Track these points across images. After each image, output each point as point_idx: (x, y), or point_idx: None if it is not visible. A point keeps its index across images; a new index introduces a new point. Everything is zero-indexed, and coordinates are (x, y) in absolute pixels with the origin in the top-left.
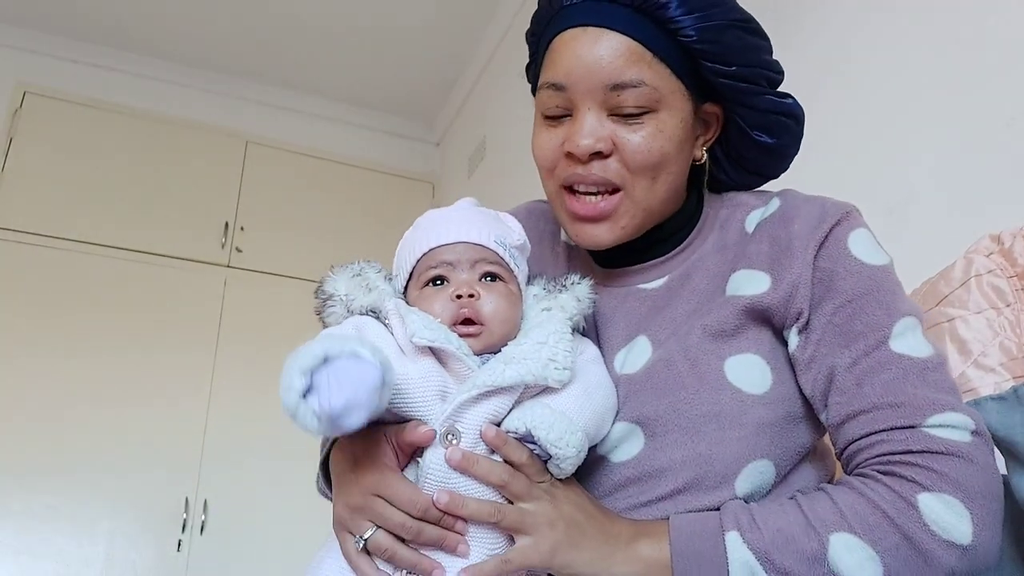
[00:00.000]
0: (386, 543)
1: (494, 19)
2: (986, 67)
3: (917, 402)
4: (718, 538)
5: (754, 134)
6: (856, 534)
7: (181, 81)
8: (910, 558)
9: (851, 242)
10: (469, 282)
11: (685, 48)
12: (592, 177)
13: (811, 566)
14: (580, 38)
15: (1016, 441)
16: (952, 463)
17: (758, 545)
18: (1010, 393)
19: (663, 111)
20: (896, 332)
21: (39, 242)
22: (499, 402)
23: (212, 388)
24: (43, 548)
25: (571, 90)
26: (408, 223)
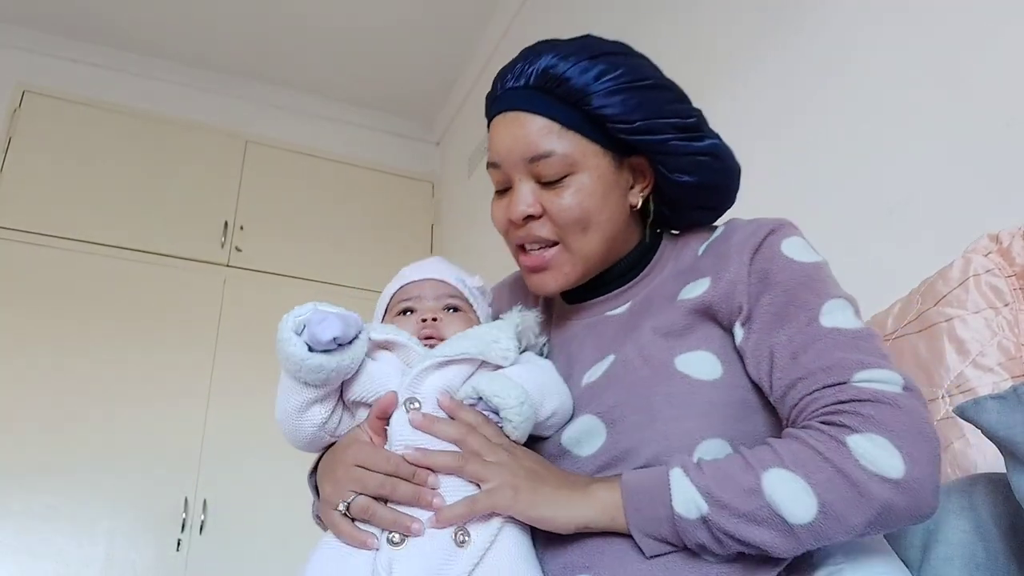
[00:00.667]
0: (366, 504)
1: (494, 19)
2: (986, 67)
3: (846, 363)
4: (663, 475)
5: (673, 176)
6: (789, 469)
7: (181, 81)
8: (843, 490)
9: (784, 246)
10: (433, 309)
11: (590, 115)
12: (531, 236)
13: (748, 498)
14: (503, 123)
15: (1016, 441)
16: (879, 408)
17: (699, 481)
18: (1010, 392)
19: (580, 172)
20: (825, 310)
21: (38, 242)
22: (453, 372)
23: (212, 387)
24: (42, 548)
25: (503, 167)
26: (408, 222)
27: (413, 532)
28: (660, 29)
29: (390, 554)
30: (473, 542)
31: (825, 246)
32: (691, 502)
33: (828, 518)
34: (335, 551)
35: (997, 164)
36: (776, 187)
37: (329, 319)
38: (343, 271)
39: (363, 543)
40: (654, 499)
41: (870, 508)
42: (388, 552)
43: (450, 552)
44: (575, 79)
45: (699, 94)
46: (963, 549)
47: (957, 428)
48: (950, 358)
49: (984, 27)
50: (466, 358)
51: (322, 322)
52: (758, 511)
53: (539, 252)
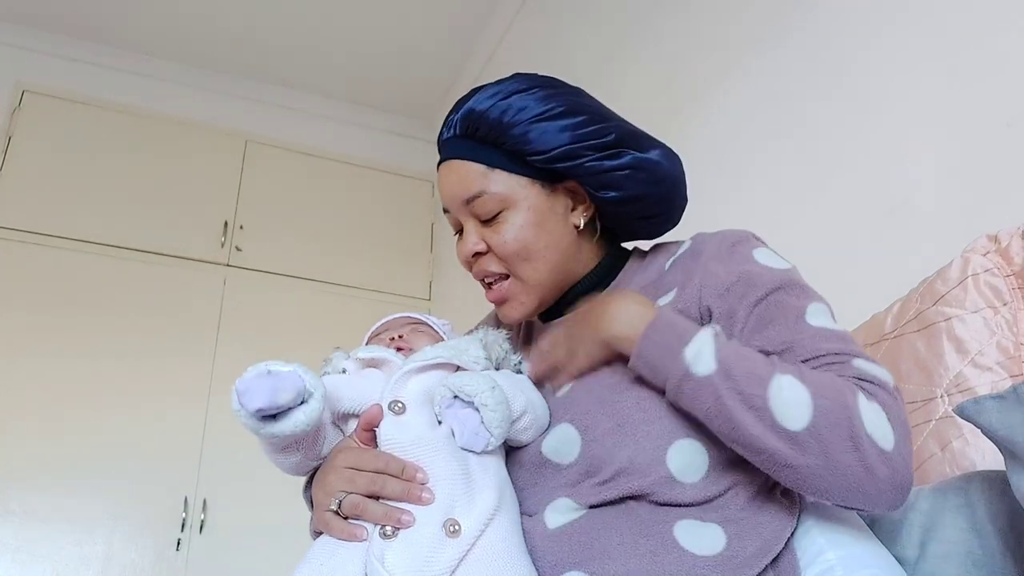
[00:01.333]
0: (357, 500)
1: (494, 18)
2: (986, 67)
3: (842, 351)
4: (693, 327)
5: (599, 194)
6: (802, 382)
7: (180, 80)
8: (838, 423)
9: (756, 255)
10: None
11: (509, 152)
12: (484, 271)
13: (752, 382)
14: (443, 172)
15: (1016, 441)
16: (879, 391)
17: (721, 343)
18: (1010, 392)
19: (511, 208)
20: (810, 311)
21: (38, 241)
22: (432, 377)
23: (211, 387)
24: (42, 547)
25: (451, 211)
26: (408, 222)
27: (404, 524)
28: (660, 30)
29: (382, 545)
30: (464, 532)
31: (825, 246)
32: (704, 358)
33: (813, 437)
34: (327, 546)
35: (997, 164)
36: (776, 187)
37: (254, 388)
38: (343, 271)
39: (353, 535)
40: (673, 334)
41: (855, 457)
42: (380, 544)
43: (440, 541)
44: (490, 121)
45: (699, 95)
46: (960, 546)
47: (956, 427)
48: (949, 357)
49: (984, 27)
50: (442, 362)
51: (246, 392)
52: (755, 399)
53: (496, 285)
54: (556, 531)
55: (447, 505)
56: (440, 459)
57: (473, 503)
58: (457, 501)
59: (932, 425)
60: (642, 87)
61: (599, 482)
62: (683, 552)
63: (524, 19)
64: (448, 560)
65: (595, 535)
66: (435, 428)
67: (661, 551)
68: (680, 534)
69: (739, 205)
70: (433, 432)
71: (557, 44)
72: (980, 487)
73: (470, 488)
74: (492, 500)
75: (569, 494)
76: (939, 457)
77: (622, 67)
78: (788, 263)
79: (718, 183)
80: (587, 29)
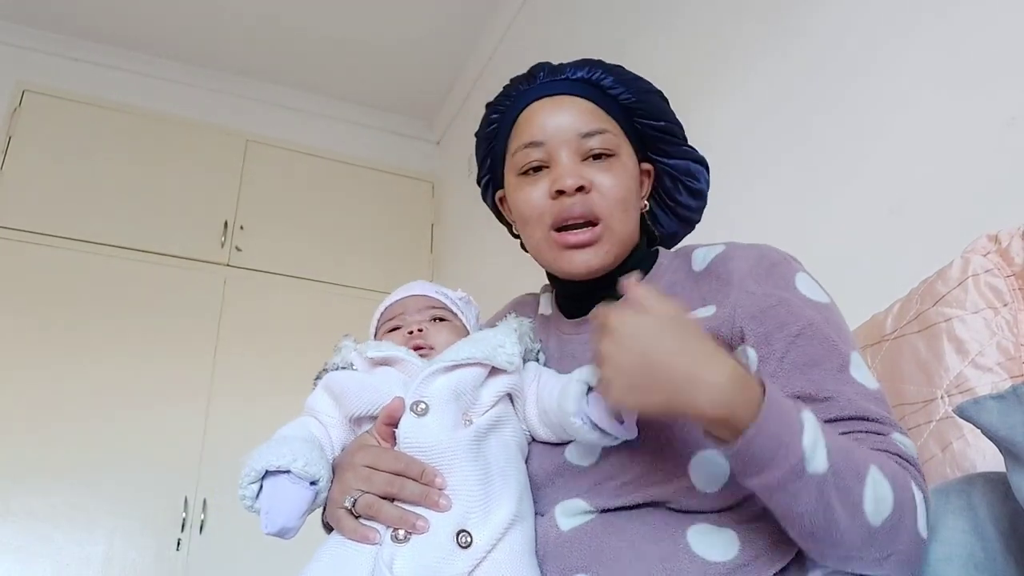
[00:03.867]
0: (372, 500)
1: (494, 18)
2: (986, 67)
3: (883, 419)
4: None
5: (684, 179)
6: (885, 475)
7: (181, 79)
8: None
9: (797, 281)
10: (418, 322)
11: (625, 108)
12: (577, 209)
13: (853, 479)
14: (548, 105)
15: (1016, 441)
16: (916, 474)
17: (827, 438)
18: (1010, 392)
19: (622, 155)
20: (853, 362)
21: (38, 241)
22: (460, 376)
23: (212, 387)
24: (42, 547)
25: (548, 143)
26: (408, 222)
27: (418, 529)
28: (660, 30)
29: (392, 550)
30: (475, 544)
31: (825, 246)
32: (819, 455)
33: (886, 533)
34: (337, 547)
35: (997, 164)
36: (776, 188)
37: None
38: (343, 271)
39: (364, 537)
40: (786, 423)
41: (911, 548)
42: (391, 548)
43: (451, 552)
44: (611, 77)
45: (699, 97)
46: (961, 549)
47: (956, 428)
48: (949, 358)
49: (984, 27)
50: (472, 363)
51: (267, 514)
52: (853, 495)
53: (583, 229)
54: (568, 534)
55: (461, 515)
56: (459, 465)
57: (488, 514)
58: (472, 511)
59: (932, 426)
60: None
61: (618, 486)
62: (694, 557)
63: (524, 19)
64: (457, 572)
65: (606, 539)
66: (457, 431)
67: (672, 556)
68: (693, 539)
69: (739, 206)
70: (455, 436)
71: (557, 45)
72: (982, 489)
73: (487, 498)
74: (508, 513)
75: (584, 496)
76: (939, 458)
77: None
78: (828, 296)
79: (719, 184)
80: (587, 29)
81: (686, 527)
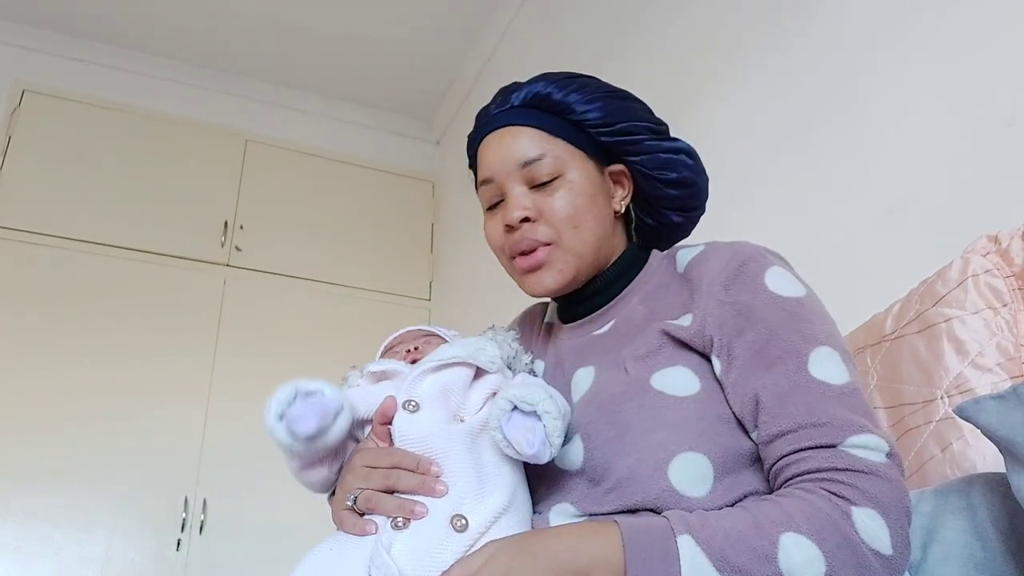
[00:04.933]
0: (370, 494)
1: (494, 17)
2: (986, 67)
3: (837, 423)
4: (669, 539)
5: (656, 174)
6: (804, 534)
7: (180, 79)
8: (848, 559)
9: (767, 278)
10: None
11: (575, 123)
12: (526, 240)
13: (761, 563)
14: (494, 140)
15: (1016, 441)
16: (872, 481)
17: (711, 543)
18: (1010, 392)
19: (568, 173)
20: (813, 358)
21: (37, 241)
22: (447, 376)
23: (211, 387)
24: (42, 547)
25: (496, 179)
26: (408, 222)
27: (417, 515)
28: (660, 30)
29: (391, 535)
30: (470, 527)
31: (825, 246)
32: (696, 566)
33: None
34: (337, 536)
35: (997, 164)
36: (776, 188)
37: (305, 416)
38: (343, 271)
39: (363, 530)
40: (656, 562)
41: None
42: (390, 533)
43: (447, 535)
44: (557, 94)
45: (700, 96)
46: (961, 549)
47: (956, 428)
48: (949, 358)
49: (984, 27)
50: (458, 362)
51: (299, 419)
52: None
53: (529, 254)
54: None
55: (456, 500)
56: (453, 455)
57: (482, 499)
58: (466, 497)
59: (932, 426)
60: (643, 88)
61: (602, 493)
62: None
63: (524, 19)
64: (452, 554)
65: None
66: (449, 425)
67: None
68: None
69: (739, 206)
70: (447, 428)
71: (557, 44)
72: (982, 489)
73: (482, 486)
74: (502, 499)
75: (573, 501)
76: (939, 459)
77: (623, 68)
78: (802, 288)
79: (719, 184)
80: (587, 29)
81: None
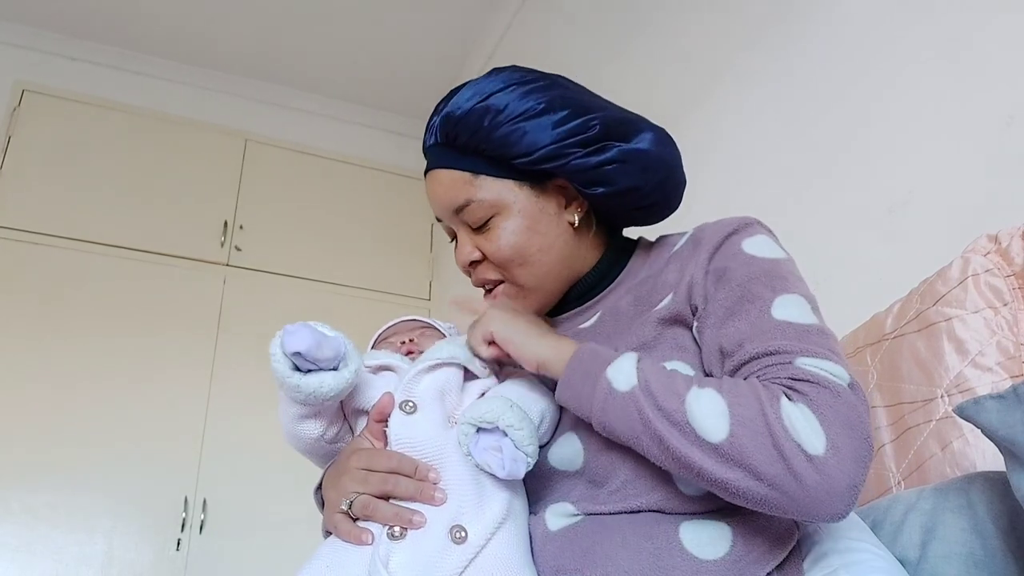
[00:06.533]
0: (367, 500)
1: (494, 16)
2: (986, 66)
3: (791, 348)
4: (615, 353)
5: (588, 191)
6: (719, 392)
7: (180, 79)
8: (759, 431)
9: (746, 244)
10: (409, 335)
11: (492, 157)
12: (481, 279)
13: (672, 398)
14: (430, 182)
15: (1016, 441)
16: (817, 390)
17: (643, 368)
18: (1010, 392)
19: (501, 213)
20: (777, 303)
21: (37, 241)
22: (443, 375)
23: (211, 386)
24: (42, 546)
25: (443, 220)
26: (408, 222)
27: (415, 525)
28: (661, 30)
29: (388, 546)
30: (469, 539)
31: (825, 246)
32: (625, 375)
33: (734, 449)
34: (333, 548)
35: (997, 164)
36: (776, 188)
37: (300, 332)
38: (343, 270)
39: (359, 539)
40: (597, 360)
41: (778, 463)
42: (387, 545)
43: (446, 548)
44: (470, 127)
45: (699, 95)
46: (961, 547)
47: (956, 428)
48: (949, 358)
49: (984, 26)
50: (454, 362)
51: (292, 334)
52: (675, 413)
53: (492, 292)
54: (557, 533)
55: (455, 511)
56: (451, 462)
57: (481, 510)
58: (465, 507)
59: (932, 425)
60: (642, 87)
61: (606, 493)
62: (687, 555)
63: (524, 19)
64: (452, 568)
65: (596, 539)
66: (447, 429)
67: (665, 554)
68: (685, 536)
69: (739, 205)
70: (444, 433)
71: (557, 44)
72: (981, 488)
73: (480, 494)
74: (501, 508)
75: (572, 500)
76: (939, 457)
77: (622, 67)
78: (781, 252)
79: (718, 183)
80: (587, 29)
81: (678, 524)
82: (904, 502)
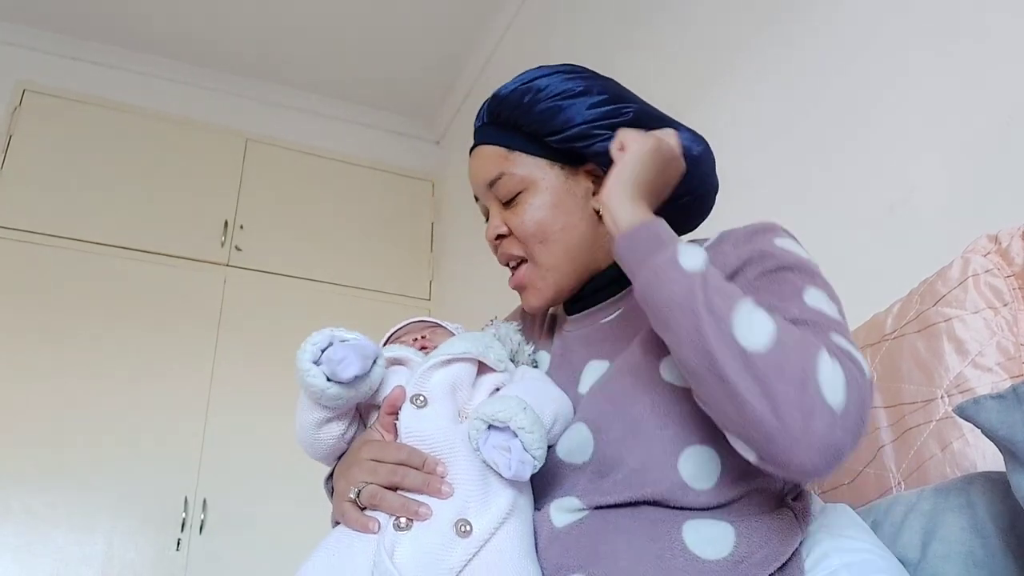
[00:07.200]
0: (375, 490)
1: (494, 16)
2: (986, 66)
3: (826, 324)
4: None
5: None
6: (773, 319)
7: (181, 79)
8: (794, 367)
9: (777, 241)
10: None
11: (528, 134)
12: (506, 254)
13: (725, 296)
14: (471, 158)
15: (1016, 441)
16: (849, 362)
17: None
18: (1009, 392)
19: (530, 189)
20: (809, 293)
21: (38, 241)
22: (457, 370)
23: (212, 387)
24: (42, 546)
25: (479, 197)
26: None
27: (421, 516)
28: (660, 29)
29: (394, 537)
30: (474, 533)
31: (825, 246)
32: (693, 259)
33: (762, 362)
34: (341, 536)
35: (997, 164)
36: (776, 187)
37: (349, 357)
38: (343, 270)
39: (365, 527)
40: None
41: (796, 395)
42: (392, 536)
43: (451, 540)
44: (511, 104)
45: (699, 94)
46: (961, 547)
47: (956, 428)
48: (949, 358)
49: (984, 25)
50: (468, 357)
51: (343, 360)
52: (722, 308)
53: (516, 270)
54: (561, 531)
55: (461, 504)
56: (459, 456)
57: (487, 504)
58: (471, 500)
59: (932, 426)
60: (642, 86)
61: (611, 484)
62: (689, 555)
63: (524, 19)
64: (456, 560)
65: (600, 538)
66: (456, 423)
67: (668, 554)
68: (689, 536)
69: (739, 204)
70: (454, 428)
71: (557, 44)
72: (982, 488)
73: (486, 489)
74: (506, 503)
75: (578, 493)
76: (939, 458)
77: (622, 66)
78: (807, 256)
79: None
80: (587, 28)
81: (681, 523)
82: (904, 502)
